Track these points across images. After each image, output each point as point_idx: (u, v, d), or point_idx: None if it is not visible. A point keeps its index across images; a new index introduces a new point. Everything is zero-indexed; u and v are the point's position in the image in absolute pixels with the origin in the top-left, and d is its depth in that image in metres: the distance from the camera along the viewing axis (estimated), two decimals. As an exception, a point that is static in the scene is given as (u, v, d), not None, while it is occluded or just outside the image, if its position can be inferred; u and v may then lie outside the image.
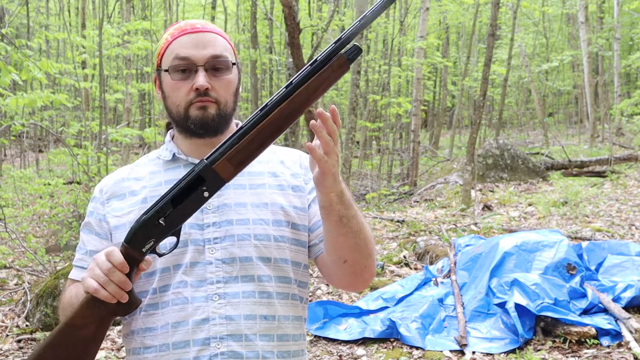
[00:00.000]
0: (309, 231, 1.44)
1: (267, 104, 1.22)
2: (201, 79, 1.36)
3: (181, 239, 1.34)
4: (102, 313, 1.26)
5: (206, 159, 1.23)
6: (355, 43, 1.23)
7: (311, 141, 1.22)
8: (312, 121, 1.20)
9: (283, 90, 1.21)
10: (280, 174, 1.46)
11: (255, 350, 1.35)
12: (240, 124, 1.25)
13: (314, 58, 1.22)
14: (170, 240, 1.29)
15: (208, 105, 1.37)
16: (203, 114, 1.37)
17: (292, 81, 1.22)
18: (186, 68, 1.37)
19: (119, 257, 1.22)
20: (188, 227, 1.36)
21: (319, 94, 1.22)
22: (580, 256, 4.81)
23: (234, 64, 1.42)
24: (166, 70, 1.40)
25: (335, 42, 1.21)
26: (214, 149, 1.24)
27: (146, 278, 1.37)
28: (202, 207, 1.34)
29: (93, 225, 1.46)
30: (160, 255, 1.29)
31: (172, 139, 1.49)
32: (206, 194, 1.24)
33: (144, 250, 1.25)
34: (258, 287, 1.36)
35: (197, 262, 1.35)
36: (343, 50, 1.21)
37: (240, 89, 1.47)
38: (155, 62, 1.46)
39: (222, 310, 1.34)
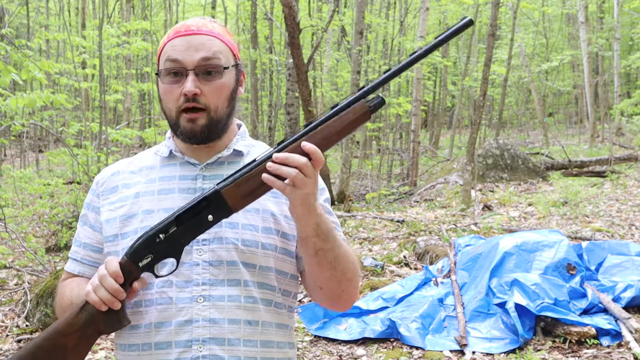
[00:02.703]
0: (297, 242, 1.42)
1: (285, 139, 1.23)
2: (189, 84, 1.33)
3: None
4: (88, 323, 1.27)
5: (217, 184, 1.24)
6: (380, 95, 1.24)
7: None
8: (268, 163, 1.19)
9: (302, 129, 1.23)
10: None
11: (238, 356, 1.33)
12: (252, 157, 1.25)
13: (337, 103, 1.24)
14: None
15: (197, 117, 1.35)
16: (192, 126, 1.35)
17: (312, 121, 1.24)
18: (177, 71, 1.35)
19: (114, 265, 1.24)
20: None
21: (336, 137, 1.23)
22: (580, 256, 4.81)
23: (226, 67, 1.37)
24: (157, 74, 1.39)
25: (359, 89, 1.22)
26: (228, 175, 1.24)
27: None
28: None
29: (89, 217, 1.46)
30: (157, 276, 1.28)
31: (173, 136, 1.48)
32: (210, 218, 1.24)
33: (140, 265, 1.25)
34: (244, 291, 1.35)
35: (184, 263, 1.32)
36: (366, 99, 1.23)
37: (241, 90, 1.44)
38: (157, 61, 1.45)
39: (206, 313, 1.32)
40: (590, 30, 18.56)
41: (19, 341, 4.46)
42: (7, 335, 4.55)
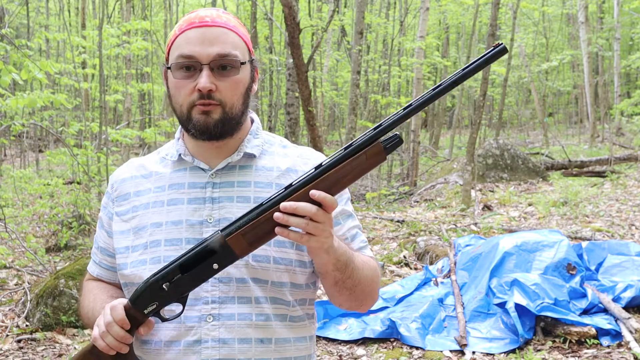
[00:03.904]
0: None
1: (293, 183, 1.17)
2: (204, 80, 1.26)
3: (176, 254, 1.28)
4: None
5: (221, 230, 1.19)
6: (397, 132, 1.15)
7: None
8: (276, 214, 1.13)
9: (312, 171, 1.16)
10: None
11: None
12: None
13: (350, 142, 1.16)
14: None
15: (212, 110, 1.28)
16: (205, 119, 1.28)
17: (322, 163, 1.16)
18: (190, 66, 1.28)
19: (120, 313, 1.22)
20: (185, 242, 1.30)
21: (349, 180, 1.15)
22: (580, 256, 4.81)
23: (243, 63, 1.30)
24: (169, 68, 1.31)
25: (374, 128, 1.14)
26: (232, 221, 1.19)
27: None
28: (202, 220, 1.31)
29: (103, 221, 1.44)
30: (163, 320, 1.25)
31: (183, 136, 1.41)
32: (215, 266, 1.19)
33: (145, 312, 1.23)
34: (255, 309, 1.29)
35: None
36: (382, 138, 1.14)
37: (254, 87, 1.38)
38: (165, 55, 1.37)
39: (215, 333, 1.28)
40: (590, 30, 18.56)
41: (19, 341, 4.46)
42: (7, 335, 4.54)
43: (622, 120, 17.39)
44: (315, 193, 1.13)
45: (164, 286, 1.21)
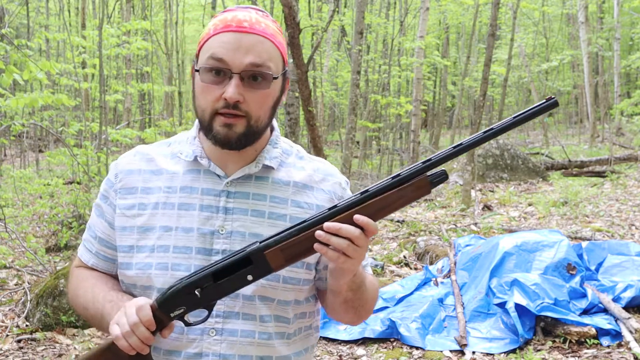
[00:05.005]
0: (318, 266, 1.35)
1: (337, 205, 1.18)
2: (231, 90, 1.20)
3: (184, 262, 1.26)
4: None
5: (260, 242, 1.18)
6: (444, 168, 1.19)
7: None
8: (319, 231, 1.14)
9: (357, 195, 1.18)
10: (305, 205, 1.31)
11: None
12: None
13: (398, 172, 1.20)
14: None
15: (235, 124, 1.22)
16: (227, 132, 1.23)
17: (368, 189, 1.18)
18: (220, 70, 1.21)
19: (148, 314, 1.19)
20: (195, 251, 1.27)
21: (392, 209, 1.18)
22: (580, 256, 4.81)
23: (275, 77, 1.24)
24: (197, 70, 1.25)
25: (423, 162, 1.18)
26: (272, 235, 1.18)
27: (144, 292, 1.30)
28: (213, 230, 1.28)
29: (104, 210, 1.37)
30: (187, 324, 1.23)
31: (199, 135, 1.34)
32: (250, 278, 1.19)
33: (172, 315, 1.21)
34: (260, 327, 1.28)
35: None
36: (429, 172, 1.18)
37: (284, 98, 1.32)
38: (196, 50, 1.30)
39: (216, 347, 1.26)
40: (590, 30, 18.57)
41: (19, 341, 4.46)
42: (7, 335, 4.54)
43: (622, 120, 17.39)
44: (359, 218, 1.14)
45: (196, 292, 1.20)
